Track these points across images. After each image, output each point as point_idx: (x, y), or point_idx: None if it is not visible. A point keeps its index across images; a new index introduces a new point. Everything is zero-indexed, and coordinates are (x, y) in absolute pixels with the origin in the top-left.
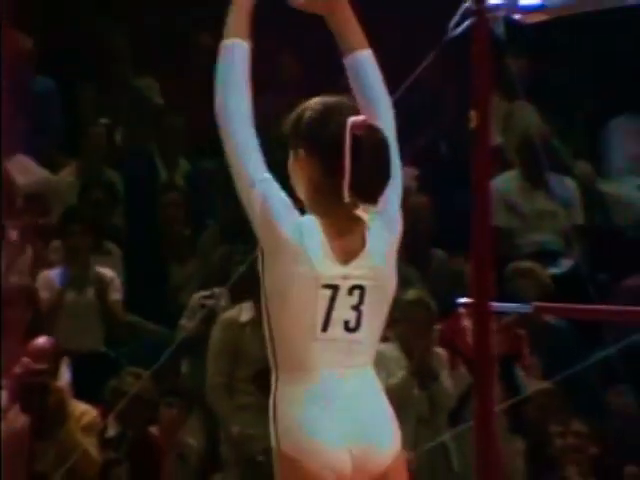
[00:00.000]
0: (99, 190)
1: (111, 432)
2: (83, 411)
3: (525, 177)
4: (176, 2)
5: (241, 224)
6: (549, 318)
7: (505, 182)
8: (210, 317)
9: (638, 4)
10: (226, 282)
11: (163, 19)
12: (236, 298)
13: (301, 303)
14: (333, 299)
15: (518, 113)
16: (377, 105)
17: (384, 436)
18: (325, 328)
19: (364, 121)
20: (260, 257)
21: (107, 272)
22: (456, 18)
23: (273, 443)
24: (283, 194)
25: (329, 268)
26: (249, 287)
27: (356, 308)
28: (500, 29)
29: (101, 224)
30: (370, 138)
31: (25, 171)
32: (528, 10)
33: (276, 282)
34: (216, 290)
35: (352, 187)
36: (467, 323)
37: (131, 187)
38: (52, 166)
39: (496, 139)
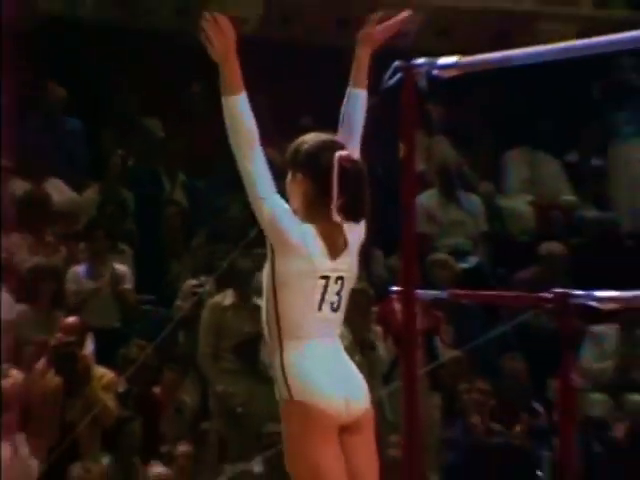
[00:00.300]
0: (114, 205)
1: (121, 389)
2: (103, 374)
3: (442, 194)
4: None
5: (224, 230)
6: (461, 301)
7: (427, 198)
8: (200, 300)
9: (521, 65)
10: (212, 274)
11: (163, 73)
12: (220, 286)
13: (304, 289)
14: (326, 287)
15: (436, 146)
16: (355, 134)
17: (360, 391)
18: (320, 308)
19: (349, 155)
20: (270, 254)
21: (121, 267)
22: (389, 73)
23: (284, 395)
24: (287, 206)
25: (324, 263)
26: (231, 278)
27: (338, 293)
28: (423, 82)
29: (116, 231)
30: (353, 169)
31: (59, 191)
32: (444, 67)
33: (285, 274)
34: (203, 279)
35: (340, 210)
36: (397, 306)
37: (140, 201)
38: (79, 187)
39: (420, 166)
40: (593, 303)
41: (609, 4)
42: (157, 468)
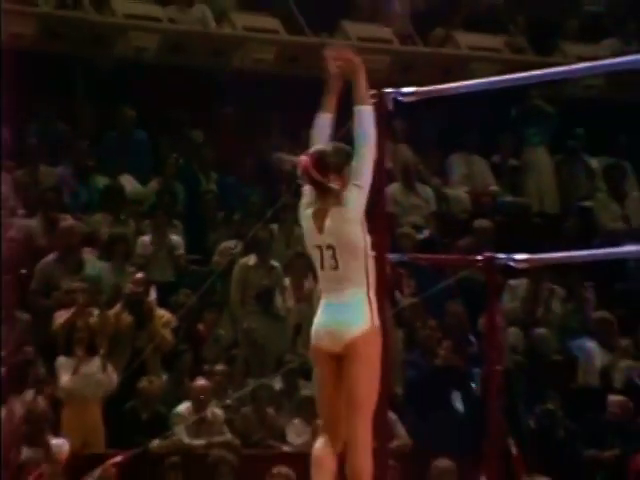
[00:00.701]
0: (169, 194)
1: (175, 325)
2: (162, 314)
3: (404, 186)
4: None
5: (247, 210)
6: (418, 263)
7: (393, 188)
8: (232, 260)
9: (461, 93)
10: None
11: (203, 99)
12: (247, 251)
13: (312, 256)
14: (321, 252)
15: (399, 151)
16: (357, 143)
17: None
18: (322, 268)
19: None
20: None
21: (174, 237)
22: None
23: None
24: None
25: (315, 238)
26: (253, 245)
27: (333, 257)
28: (390, 105)
29: (171, 211)
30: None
31: (130, 184)
32: (405, 95)
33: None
34: (234, 242)
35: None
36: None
37: (187, 191)
38: (144, 181)
39: (388, 165)
40: (511, 263)
41: (523, 52)
42: (200, 381)
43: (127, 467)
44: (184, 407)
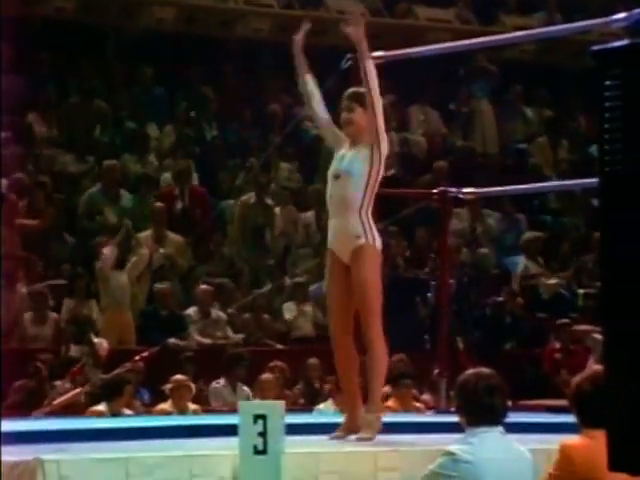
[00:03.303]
0: (184, 138)
1: None
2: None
3: None
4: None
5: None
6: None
7: None
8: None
9: (423, 56)
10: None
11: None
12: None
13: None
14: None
15: None
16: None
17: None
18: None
19: None
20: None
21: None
22: (344, 60)
23: (363, 240)
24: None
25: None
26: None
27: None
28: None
29: (186, 152)
30: None
31: (152, 130)
32: (376, 58)
33: None
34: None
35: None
36: None
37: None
38: (162, 128)
39: None
40: (460, 195)
41: (469, 23)
42: (203, 286)
43: (151, 360)
44: (192, 310)
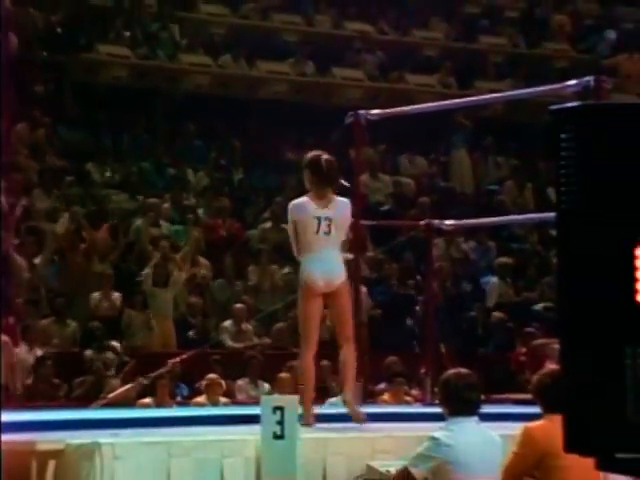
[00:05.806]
0: (216, 180)
1: None
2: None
3: (371, 175)
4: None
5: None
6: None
7: (364, 178)
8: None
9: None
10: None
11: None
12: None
13: (309, 225)
14: (319, 222)
15: (367, 153)
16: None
17: (336, 275)
18: (317, 232)
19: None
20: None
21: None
22: (347, 118)
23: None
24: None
25: (316, 211)
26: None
27: (329, 226)
28: (364, 121)
29: (218, 192)
30: (329, 163)
31: (190, 175)
32: (373, 115)
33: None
34: None
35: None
36: None
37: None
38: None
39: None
40: (442, 227)
41: (450, 87)
42: (239, 305)
43: (187, 362)
44: (228, 323)
